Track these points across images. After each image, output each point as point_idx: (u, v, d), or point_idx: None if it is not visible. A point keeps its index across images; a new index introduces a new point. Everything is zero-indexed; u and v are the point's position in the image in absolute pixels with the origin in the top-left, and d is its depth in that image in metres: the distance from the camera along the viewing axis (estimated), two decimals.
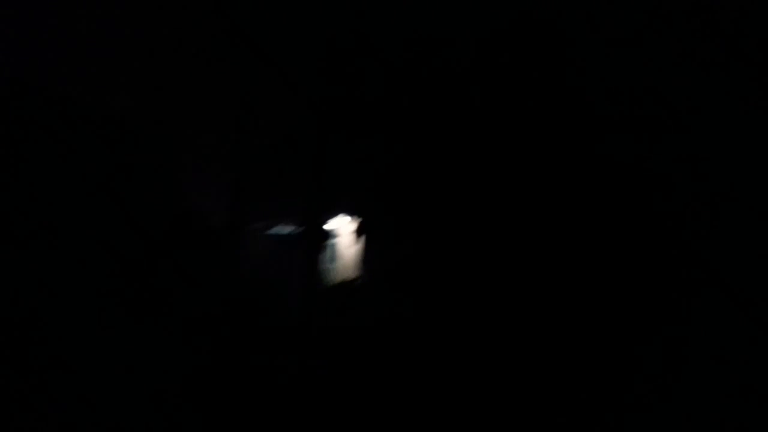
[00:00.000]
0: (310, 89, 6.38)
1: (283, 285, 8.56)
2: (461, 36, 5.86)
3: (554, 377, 5.38)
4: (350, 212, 7.17)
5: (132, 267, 5.90)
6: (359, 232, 6.82)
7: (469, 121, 6.03)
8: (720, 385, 4.74)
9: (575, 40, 5.52)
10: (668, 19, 5.18)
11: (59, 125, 5.64)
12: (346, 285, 7.75)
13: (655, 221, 5.16)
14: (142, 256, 6.00)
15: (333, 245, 9.24)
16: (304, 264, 6.97)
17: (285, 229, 9.18)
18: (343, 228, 8.30)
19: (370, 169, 6.48)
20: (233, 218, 7.12)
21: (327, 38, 6.17)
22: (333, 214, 7.80)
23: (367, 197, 6.56)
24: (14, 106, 5.44)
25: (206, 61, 7.21)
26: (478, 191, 6.13)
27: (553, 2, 5.48)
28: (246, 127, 6.90)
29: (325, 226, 7.11)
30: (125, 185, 6.03)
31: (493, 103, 5.82)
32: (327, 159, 6.71)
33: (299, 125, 6.98)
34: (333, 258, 9.38)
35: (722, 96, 5.00)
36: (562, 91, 5.60)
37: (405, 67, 6.13)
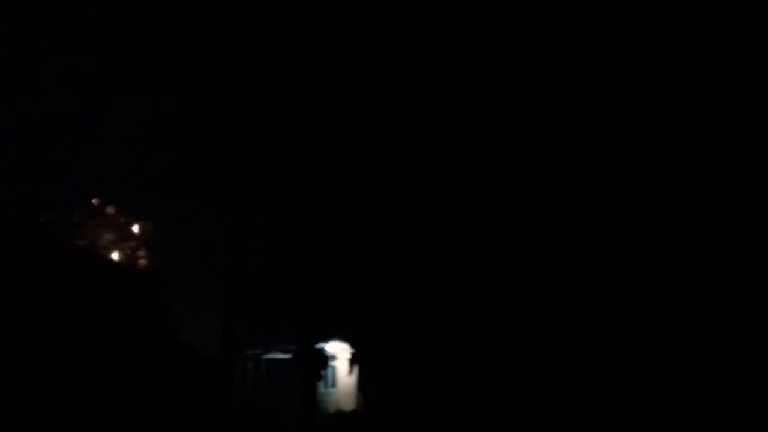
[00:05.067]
0: (302, 221, 6.44)
1: (281, 410, 8.36)
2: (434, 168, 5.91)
3: None
4: (345, 338, 7.03)
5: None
6: (353, 360, 6.67)
7: (456, 248, 5.96)
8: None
9: None
10: None
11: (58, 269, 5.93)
12: (345, 414, 7.52)
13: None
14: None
15: (331, 371, 9.05)
16: (302, 389, 6.77)
17: (283, 354, 9.04)
18: (340, 353, 8.15)
19: (362, 296, 6.40)
20: (230, 345, 7.03)
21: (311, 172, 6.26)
22: (329, 339, 7.68)
23: (360, 324, 6.44)
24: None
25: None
26: (472, 318, 6.00)
27: None
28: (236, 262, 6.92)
29: (323, 352, 6.94)
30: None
31: (475, 234, 5.77)
32: (319, 286, 6.65)
33: (291, 254, 6.97)
34: (331, 384, 9.18)
35: None
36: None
37: (390, 198, 6.14)
